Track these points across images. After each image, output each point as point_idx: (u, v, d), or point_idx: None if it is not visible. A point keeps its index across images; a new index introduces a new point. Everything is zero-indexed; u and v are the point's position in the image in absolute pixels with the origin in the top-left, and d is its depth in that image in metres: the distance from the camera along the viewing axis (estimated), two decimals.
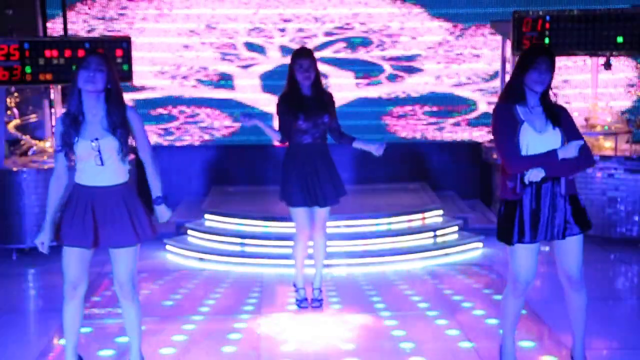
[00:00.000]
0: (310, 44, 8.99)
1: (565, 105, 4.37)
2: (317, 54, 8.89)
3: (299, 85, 5.49)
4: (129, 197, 4.23)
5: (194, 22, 9.12)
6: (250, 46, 9.18)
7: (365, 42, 9.22)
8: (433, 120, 9.35)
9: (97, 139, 4.08)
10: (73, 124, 4.09)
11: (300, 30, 9.16)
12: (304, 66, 5.44)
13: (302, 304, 5.79)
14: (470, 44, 9.22)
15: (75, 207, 4.17)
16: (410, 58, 9.23)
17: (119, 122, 4.13)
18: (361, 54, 9.22)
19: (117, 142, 4.12)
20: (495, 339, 5.17)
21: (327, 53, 9.17)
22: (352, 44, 9.22)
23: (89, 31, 8.95)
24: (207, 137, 9.26)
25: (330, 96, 5.61)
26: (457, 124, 9.33)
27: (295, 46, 9.13)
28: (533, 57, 4.11)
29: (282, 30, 9.15)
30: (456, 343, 5.04)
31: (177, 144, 9.24)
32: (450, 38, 9.22)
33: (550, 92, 4.21)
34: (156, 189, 4.36)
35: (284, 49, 9.10)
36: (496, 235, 4.31)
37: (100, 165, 4.11)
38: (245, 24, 9.16)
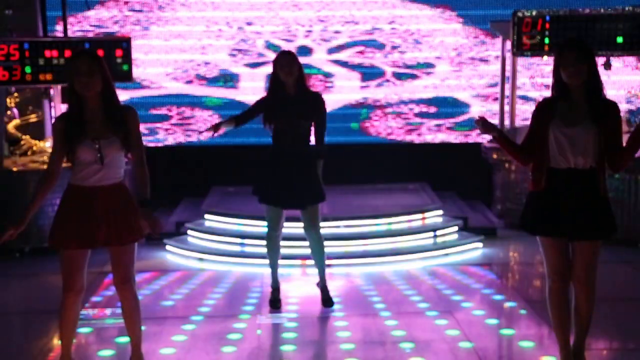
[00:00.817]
0: (328, 46, 9.00)
1: None
2: (333, 56, 9.02)
3: (283, 85, 5.45)
4: (127, 195, 4.24)
5: (221, 23, 9.13)
6: (272, 46, 9.16)
7: (375, 45, 9.22)
8: (433, 121, 9.36)
9: (98, 139, 4.08)
10: (75, 125, 4.09)
11: (324, 30, 9.17)
12: (284, 62, 5.39)
13: (275, 304, 5.78)
14: (475, 45, 9.22)
15: (72, 209, 4.15)
16: (418, 63, 9.24)
17: (118, 121, 4.13)
18: (368, 57, 9.22)
19: (119, 141, 4.12)
20: (495, 339, 5.18)
21: (342, 56, 9.21)
22: (365, 46, 9.22)
23: (101, 30, 9.00)
24: (207, 137, 9.25)
25: (316, 97, 5.52)
26: (454, 125, 9.34)
27: (313, 46, 9.15)
28: (559, 53, 4.16)
29: (309, 31, 9.15)
30: (456, 343, 5.04)
31: (177, 143, 9.23)
32: (455, 39, 9.22)
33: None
34: (144, 191, 4.19)
35: (302, 49, 9.12)
36: (520, 224, 4.35)
37: (100, 165, 4.11)
38: (271, 27, 9.17)
